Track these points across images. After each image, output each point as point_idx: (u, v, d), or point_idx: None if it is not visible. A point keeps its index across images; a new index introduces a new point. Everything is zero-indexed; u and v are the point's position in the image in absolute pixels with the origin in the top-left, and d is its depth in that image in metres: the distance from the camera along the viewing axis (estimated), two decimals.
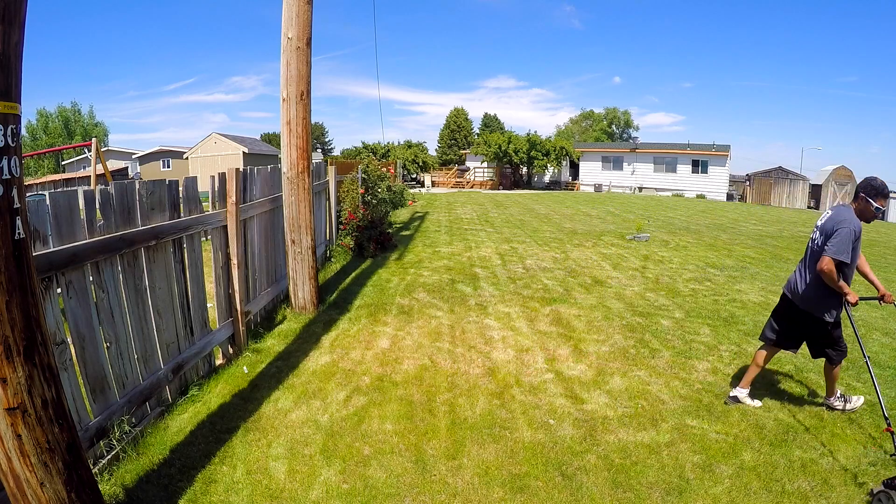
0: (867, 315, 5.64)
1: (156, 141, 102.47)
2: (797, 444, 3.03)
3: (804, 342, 3.48)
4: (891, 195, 28.21)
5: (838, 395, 3.46)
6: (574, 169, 36.94)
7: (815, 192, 30.86)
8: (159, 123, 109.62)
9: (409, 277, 6.98)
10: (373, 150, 34.96)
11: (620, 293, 6.35)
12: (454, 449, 2.97)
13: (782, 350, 3.61)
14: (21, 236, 1.67)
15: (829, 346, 3.34)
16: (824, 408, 3.46)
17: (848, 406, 3.42)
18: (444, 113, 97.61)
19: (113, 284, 2.79)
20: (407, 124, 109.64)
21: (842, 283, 3.14)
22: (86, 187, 3.05)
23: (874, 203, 3.10)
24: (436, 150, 54.98)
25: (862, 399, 3.46)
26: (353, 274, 7.15)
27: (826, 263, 3.08)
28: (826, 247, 3.12)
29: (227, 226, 4.10)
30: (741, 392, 3.53)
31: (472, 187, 34.69)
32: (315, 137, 60.41)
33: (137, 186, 2.99)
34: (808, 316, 3.32)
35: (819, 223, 3.29)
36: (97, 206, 2.69)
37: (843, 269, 3.17)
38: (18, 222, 1.66)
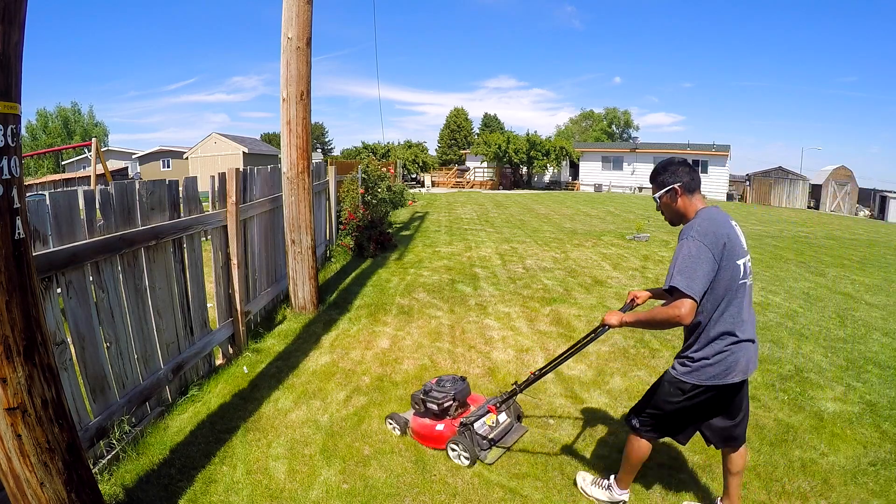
0: (867, 315, 5.64)
1: (156, 141, 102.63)
2: (797, 444, 3.03)
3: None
4: (890, 195, 27.94)
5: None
6: (574, 169, 36.93)
7: (815, 192, 30.83)
8: (159, 123, 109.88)
9: (409, 277, 6.98)
10: (373, 150, 34.94)
11: (620, 293, 6.35)
12: None
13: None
14: (21, 236, 1.67)
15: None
16: (823, 408, 3.46)
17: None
18: (444, 113, 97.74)
19: (113, 284, 2.79)
20: (407, 124, 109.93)
21: None
22: (86, 187, 3.05)
23: None
24: (436, 150, 54.96)
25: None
26: (353, 274, 7.15)
27: None
28: None
29: (227, 226, 4.10)
30: None
31: (472, 187, 34.68)
32: (315, 137, 60.40)
33: (137, 186, 2.99)
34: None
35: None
36: (97, 206, 2.69)
37: None
38: (18, 222, 1.66)
